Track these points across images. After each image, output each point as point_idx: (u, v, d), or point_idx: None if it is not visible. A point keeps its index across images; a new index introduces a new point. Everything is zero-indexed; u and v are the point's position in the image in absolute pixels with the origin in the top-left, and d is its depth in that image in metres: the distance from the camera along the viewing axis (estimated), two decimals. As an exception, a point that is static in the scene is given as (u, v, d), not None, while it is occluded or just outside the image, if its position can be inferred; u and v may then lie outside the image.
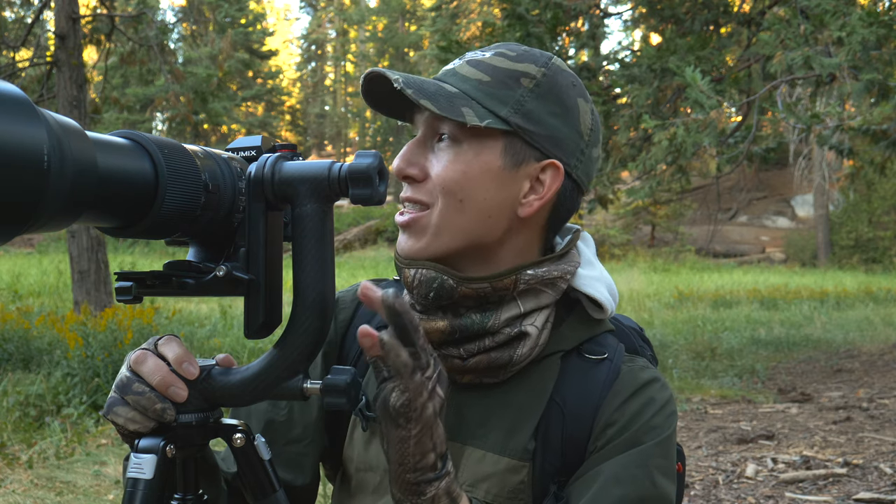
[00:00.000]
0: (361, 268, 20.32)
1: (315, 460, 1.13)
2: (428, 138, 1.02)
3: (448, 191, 0.99)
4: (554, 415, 1.02)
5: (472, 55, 1.04)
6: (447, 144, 1.00)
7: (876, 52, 5.90)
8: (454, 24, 31.66)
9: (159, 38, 11.10)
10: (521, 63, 1.02)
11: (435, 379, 0.83)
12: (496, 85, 1.00)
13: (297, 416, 1.10)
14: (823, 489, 4.36)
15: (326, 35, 53.15)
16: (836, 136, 7.91)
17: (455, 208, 1.00)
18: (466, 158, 1.00)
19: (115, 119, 24.58)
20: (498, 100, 0.99)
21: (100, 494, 4.29)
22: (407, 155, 1.02)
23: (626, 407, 1.01)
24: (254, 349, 7.32)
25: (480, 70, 1.01)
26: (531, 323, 1.01)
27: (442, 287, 0.99)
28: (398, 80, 0.96)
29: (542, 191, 1.03)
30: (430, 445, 0.84)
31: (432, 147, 1.02)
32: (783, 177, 32.70)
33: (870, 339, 10.59)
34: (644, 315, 12.41)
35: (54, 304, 11.10)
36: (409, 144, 1.03)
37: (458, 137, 1.00)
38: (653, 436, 0.99)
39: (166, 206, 0.72)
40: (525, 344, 1.01)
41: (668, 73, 7.13)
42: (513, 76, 1.01)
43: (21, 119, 0.54)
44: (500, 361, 1.01)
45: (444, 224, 1.00)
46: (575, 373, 1.04)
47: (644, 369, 1.06)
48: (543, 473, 1.01)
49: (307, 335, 0.82)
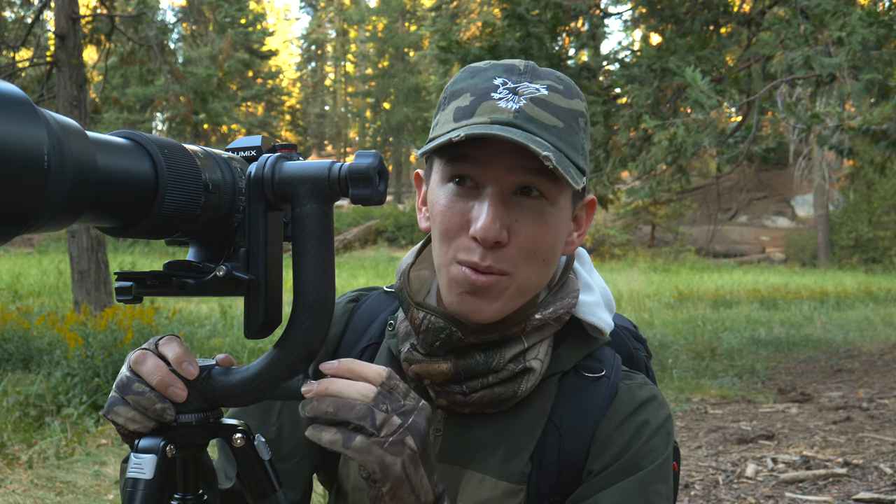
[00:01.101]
0: (361, 268, 20.32)
1: (306, 477, 1.12)
2: (507, 192, 0.93)
3: (536, 254, 0.95)
4: (551, 436, 1.01)
5: (526, 89, 0.93)
6: (536, 203, 0.94)
7: (876, 52, 5.90)
8: (454, 24, 31.65)
9: (159, 38, 11.09)
10: (573, 99, 0.96)
11: (399, 434, 0.81)
12: (568, 132, 0.94)
13: (286, 434, 1.09)
14: (823, 489, 4.36)
15: (326, 35, 53.15)
16: (836, 136, 7.91)
17: (538, 270, 0.96)
18: (555, 217, 0.95)
19: (115, 119, 24.58)
20: (573, 149, 0.94)
21: (100, 494, 4.29)
22: (498, 216, 0.91)
23: (623, 428, 1.00)
24: (254, 349, 7.32)
25: (551, 113, 0.93)
26: (535, 357, 1.00)
27: (450, 338, 0.98)
28: (549, 158, 0.86)
29: (583, 226, 1.04)
30: (412, 499, 0.83)
31: (511, 201, 0.93)
32: (783, 177, 32.70)
33: (870, 339, 10.59)
34: (644, 315, 12.41)
35: (54, 304, 11.10)
36: (494, 202, 0.91)
37: (550, 194, 0.94)
38: (650, 459, 0.98)
39: (166, 206, 0.72)
40: (530, 378, 1.00)
41: (668, 73, 7.13)
42: (573, 117, 0.95)
43: (21, 119, 0.54)
44: (505, 396, 1.00)
45: (525, 287, 0.97)
46: (572, 392, 1.03)
47: (642, 387, 1.04)
48: (539, 495, 1.00)
49: (307, 335, 0.82)
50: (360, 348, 1.12)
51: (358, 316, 1.15)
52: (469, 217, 0.93)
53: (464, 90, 0.96)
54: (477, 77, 0.96)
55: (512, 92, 0.93)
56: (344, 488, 1.10)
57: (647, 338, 4.89)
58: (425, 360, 1.00)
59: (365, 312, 1.16)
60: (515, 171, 0.92)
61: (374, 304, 1.16)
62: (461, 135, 0.87)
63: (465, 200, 0.94)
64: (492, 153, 0.91)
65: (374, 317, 1.14)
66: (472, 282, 0.93)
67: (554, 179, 0.92)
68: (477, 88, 0.95)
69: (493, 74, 0.95)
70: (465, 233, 0.94)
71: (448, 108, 0.97)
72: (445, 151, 0.95)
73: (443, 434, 1.04)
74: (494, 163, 0.92)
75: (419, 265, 1.09)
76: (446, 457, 1.03)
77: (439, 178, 0.97)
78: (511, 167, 0.91)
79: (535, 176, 0.92)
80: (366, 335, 1.13)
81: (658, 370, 8.12)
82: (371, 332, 1.13)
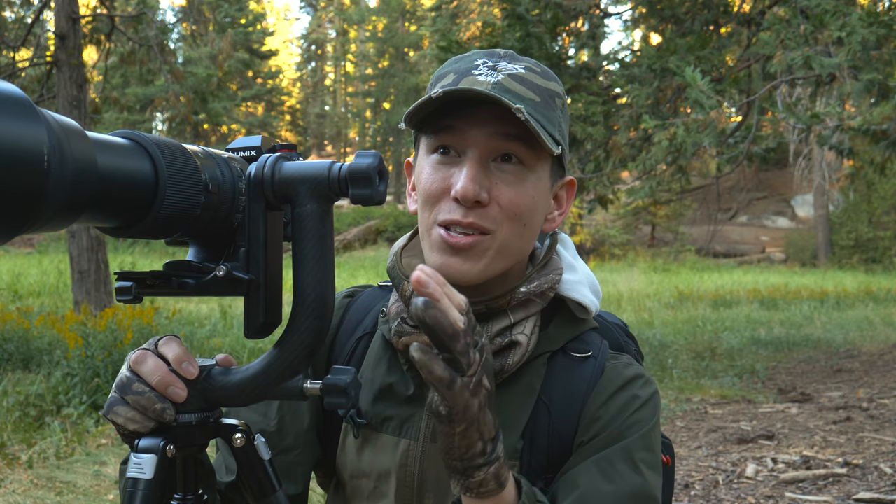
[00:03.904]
0: (361, 268, 20.31)
1: (308, 469, 1.13)
2: (485, 157, 0.98)
3: (516, 216, 0.99)
4: (541, 413, 1.04)
5: (505, 67, 0.99)
6: (515, 168, 0.99)
7: (876, 52, 5.90)
8: (454, 24, 31.64)
9: (159, 38, 11.09)
10: (549, 81, 1.02)
11: (479, 373, 0.82)
12: (544, 107, 0.99)
13: (288, 426, 1.10)
14: (823, 489, 4.36)
15: (326, 35, 53.14)
16: (836, 136, 7.91)
17: (518, 233, 1.00)
18: (533, 183, 1.00)
19: (115, 119, 24.55)
20: (550, 122, 0.99)
21: (100, 494, 4.29)
22: (477, 178, 0.96)
23: (610, 403, 1.03)
24: (254, 349, 7.32)
25: (527, 88, 0.98)
26: (521, 331, 1.03)
27: None
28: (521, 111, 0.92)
29: (563, 206, 1.08)
30: (477, 436, 0.85)
31: (490, 166, 0.99)
32: (783, 177, 32.70)
33: (870, 339, 10.59)
34: (644, 315, 12.41)
35: (54, 304, 11.10)
36: (473, 165, 0.97)
37: (528, 161, 0.99)
38: (636, 429, 1.01)
39: (166, 206, 0.71)
40: (516, 352, 1.02)
41: (668, 73, 7.12)
42: (550, 96, 1.01)
43: (21, 119, 0.54)
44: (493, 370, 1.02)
45: (505, 248, 1.00)
46: (561, 372, 1.06)
47: (628, 366, 1.08)
48: (531, 471, 1.02)
49: (307, 335, 0.82)
50: (356, 339, 1.15)
51: (353, 310, 1.18)
52: (450, 182, 0.98)
53: (448, 72, 1.03)
54: (461, 61, 1.03)
55: (491, 69, 0.99)
56: (342, 479, 1.11)
57: (647, 338, 4.90)
58: (414, 331, 1.02)
59: (360, 306, 1.18)
60: (494, 137, 0.97)
61: (368, 298, 1.20)
62: (439, 91, 0.93)
63: (447, 167, 1.00)
64: (471, 122, 0.97)
65: (369, 309, 1.17)
66: (451, 244, 0.97)
67: (531, 145, 0.97)
68: (459, 69, 1.01)
69: (475, 58, 1.02)
70: (446, 196, 0.99)
71: (434, 89, 1.01)
72: (429, 125, 1.00)
73: None
74: (473, 130, 0.97)
75: (409, 251, 1.12)
76: None
77: (424, 151, 1.03)
78: (490, 134, 0.97)
79: (513, 142, 0.97)
80: (360, 326, 1.15)
81: (658, 370, 8.12)
82: (366, 322, 1.16)
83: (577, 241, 27.00)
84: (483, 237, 0.98)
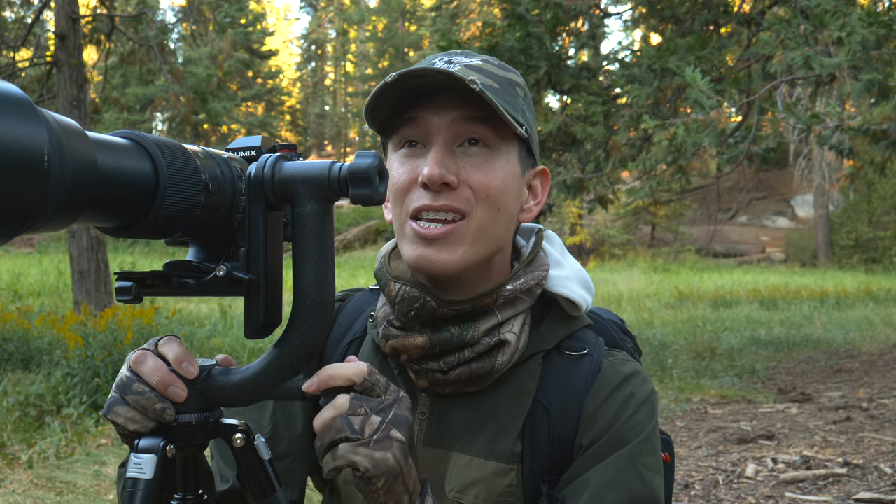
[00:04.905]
0: (361, 268, 20.31)
1: (303, 475, 1.12)
2: (450, 143, 0.99)
3: (489, 198, 0.98)
4: (539, 415, 1.03)
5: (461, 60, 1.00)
6: (481, 150, 0.99)
7: (876, 52, 5.89)
8: (454, 24, 31.63)
9: (159, 38, 11.09)
10: (508, 72, 1.03)
11: (385, 428, 0.82)
12: (504, 92, 0.99)
13: (282, 432, 1.10)
14: (823, 489, 4.36)
15: (326, 35, 53.13)
16: (836, 136, 7.90)
17: (493, 217, 0.99)
18: (501, 165, 1.00)
19: (115, 119, 24.55)
20: (512, 107, 0.99)
21: (100, 494, 4.29)
22: (444, 161, 0.96)
23: (609, 402, 1.02)
24: (254, 349, 7.32)
25: (485, 76, 0.98)
26: (509, 330, 1.02)
27: (423, 308, 1.00)
28: (474, 82, 0.93)
29: (539, 196, 1.07)
30: (402, 489, 0.84)
31: (456, 152, 0.99)
32: (783, 177, 32.70)
33: (870, 339, 10.59)
34: (644, 315, 12.41)
35: (54, 304, 11.10)
36: (439, 150, 0.97)
37: (493, 143, 0.99)
38: (637, 432, 1.00)
39: (166, 206, 0.71)
40: (505, 352, 1.02)
41: (668, 73, 7.12)
42: (510, 84, 1.01)
43: (21, 119, 0.54)
44: (482, 371, 1.01)
45: (482, 233, 0.99)
46: (557, 371, 1.05)
47: (625, 363, 1.07)
48: (533, 474, 1.01)
49: (307, 335, 0.82)
50: (346, 343, 1.14)
51: (343, 314, 1.18)
52: (418, 172, 0.99)
53: None
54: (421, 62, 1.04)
55: (448, 63, 1.00)
56: (336, 483, 1.11)
57: (648, 338, 4.89)
58: (401, 334, 1.02)
59: (350, 310, 1.18)
60: (457, 121, 0.98)
61: (359, 302, 1.19)
62: (394, 76, 0.95)
63: (414, 160, 1.00)
64: (432, 111, 0.98)
65: (359, 313, 1.17)
66: (423, 235, 0.97)
67: (495, 125, 0.97)
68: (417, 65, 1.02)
69: (433, 57, 1.04)
70: (415, 185, 0.99)
71: None
72: (391, 122, 1.02)
73: (427, 418, 1.05)
74: (435, 118, 0.98)
75: (397, 254, 1.12)
76: (432, 441, 1.04)
77: (392, 151, 1.04)
78: (452, 119, 0.98)
79: (476, 124, 0.97)
80: (351, 330, 1.15)
81: (658, 370, 8.12)
82: (356, 327, 1.15)
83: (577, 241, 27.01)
84: (457, 224, 0.97)
